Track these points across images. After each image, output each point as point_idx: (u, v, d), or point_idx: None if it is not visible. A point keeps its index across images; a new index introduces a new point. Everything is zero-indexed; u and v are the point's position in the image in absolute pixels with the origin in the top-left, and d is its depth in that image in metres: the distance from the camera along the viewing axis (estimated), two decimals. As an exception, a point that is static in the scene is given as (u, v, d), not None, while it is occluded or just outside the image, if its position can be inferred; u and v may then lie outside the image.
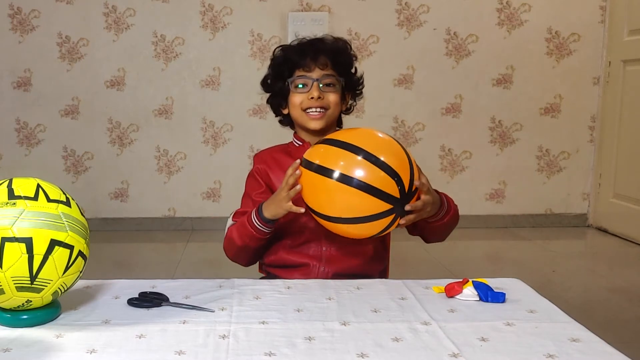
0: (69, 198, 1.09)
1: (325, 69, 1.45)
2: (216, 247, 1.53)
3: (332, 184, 1.22)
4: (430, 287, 1.26)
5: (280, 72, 1.49)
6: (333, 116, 1.48)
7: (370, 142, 1.26)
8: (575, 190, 3.91)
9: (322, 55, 1.46)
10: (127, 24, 3.65)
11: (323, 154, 1.27)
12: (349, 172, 1.21)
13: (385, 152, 1.24)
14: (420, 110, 3.79)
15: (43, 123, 3.73)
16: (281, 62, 1.50)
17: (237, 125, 3.75)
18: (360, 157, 1.22)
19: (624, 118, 3.60)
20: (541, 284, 2.66)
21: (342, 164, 1.22)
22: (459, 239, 3.72)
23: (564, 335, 1.03)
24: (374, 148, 1.24)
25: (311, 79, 1.44)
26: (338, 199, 1.24)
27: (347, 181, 1.20)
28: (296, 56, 1.47)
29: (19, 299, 1.02)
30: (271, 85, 1.53)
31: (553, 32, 3.74)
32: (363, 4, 3.68)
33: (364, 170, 1.21)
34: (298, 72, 1.46)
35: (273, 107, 1.55)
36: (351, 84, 1.53)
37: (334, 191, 1.23)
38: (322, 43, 1.49)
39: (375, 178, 1.20)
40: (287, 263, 1.47)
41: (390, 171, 1.21)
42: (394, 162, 1.23)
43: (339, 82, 1.47)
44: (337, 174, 1.21)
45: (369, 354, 0.96)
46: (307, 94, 1.44)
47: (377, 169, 1.21)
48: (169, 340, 1.00)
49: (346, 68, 1.51)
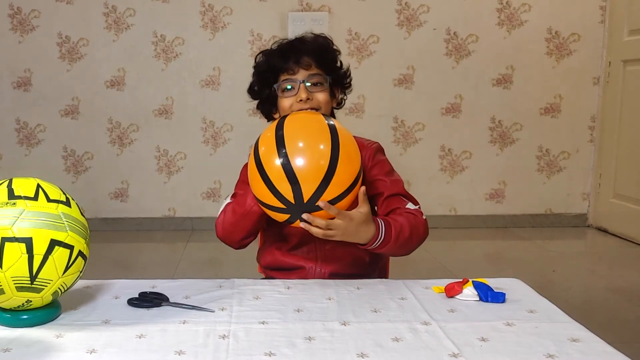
0: (69, 198, 1.09)
1: (310, 68, 1.42)
2: (216, 247, 1.53)
3: (252, 165, 1.26)
4: (430, 287, 1.26)
5: (265, 78, 1.47)
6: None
7: (302, 143, 1.24)
8: (575, 190, 3.91)
9: (305, 55, 1.42)
10: (127, 24, 3.65)
11: (263, 136, 1.29)
12: (265, 161, 1.23)
13: (308, 157, 1.21)
14: (420, 110, 3.78)
15: (43, 123, 3.73)
16: (265, 68, 1.47)
17: (237, 125, 3.75)
18: (279, 154, 1.22)
19: (624, 118, 3.60)
20: (541, 284, 2.66)
21: (263, 150, 1.25)
22: (459, 239, 3.75)
23: (564, 335, 1.03)
24: (299, 150, 1.21)
25: (297, 81, 1.41)
26: (252, 182, 1.28)
27: (259, 168, 1.24)
28: (279, 60, 1.44)
29: (19, 299, 1.02)
30: (258, 92, 1.51)
31: (553, 32, 3.74)
32: (363, 4, 3.68)
33: (273, 166, 1.22)
34: (283, 77, 1.43)
35: (264, 114, 1.54)
36: (338, 79, 1.50)
37: (252, 172, 1.27)
38: (302, 43, 1.46)
39: (275, 177, 1.21)
40: (283, 265, 1.47)
41: (291, 176, 1.20)
42: (308, 171, 1.20)
43: (326, 80, 1.44)
44: (257, 159, 1.25)
45: (369, 354, 0.96)
46: (296, 97, 1.41)
47: (280, 169, 1.20)
48: (169, 340, 1.00)
49: (331, 64, 1.48)
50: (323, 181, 1.20)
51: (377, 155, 1.48)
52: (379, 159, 1.48)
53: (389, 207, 1.40)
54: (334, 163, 1.21)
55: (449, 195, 3.87)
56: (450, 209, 3.88)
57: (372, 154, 1.47)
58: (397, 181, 1.45)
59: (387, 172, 1.46)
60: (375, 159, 1.47)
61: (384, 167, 1.47)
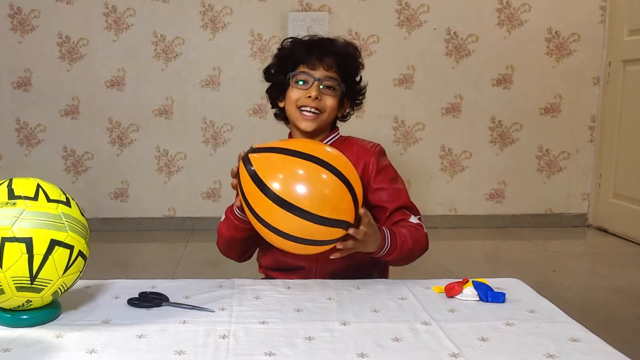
0: (69, 198, 1.09)
1: (329, 70, 1.43)
2: (216, 247, 1.54)
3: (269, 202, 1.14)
4: (430, 287, 1.26)
5: (284, 64, 1.47)
6: (327, 121, 1.46)
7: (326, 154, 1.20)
8: (575, 190, 3.91)
9: (329, 56, 1.43)
10: (127, 24, 3.65)
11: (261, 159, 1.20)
12: (287, 193, 1.13)
13: (342, 165, 1.19)
14: (420, 110, 3.79)
15: (43, 123, 3.73)
16: (287, 54, 1.47)
17: (237, 125, 3.75)
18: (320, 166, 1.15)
19: (624, 118, 3.60)
20: (541, 284, 2.67)
21: (281, 177, 1.15)
22: (459, 239, 3.75)
23: (564, 335, 1.03)
24: (333, 160, 1.19)
25: (312, 78, 1.42)
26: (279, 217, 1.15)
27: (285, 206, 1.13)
28: (303, 52, 1.44)
29: (19, 299, 1.02)
30: (273, 76, 1.51)
31: (553, 32, 3.74)
32: (363, 4, 3.68)
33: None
34: (301, 68, 1.44)
35: (270, 98, 1.54)
36: (352, 91, 1.50)
37: (272, 208, 1.14)
38: (331, 44, 1.47)
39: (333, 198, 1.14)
40: (283, 266, 1.47)
41: (348, 184, 1.16)
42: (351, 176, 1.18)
43: (340, 87, 1.44)
44: (273, 194, 1.13)
45: (369, 354, 0.96)
46: (306, 92, 1.41)
47: (337, 180, 1.15)
48: (169, 340, 1.00)
49: (350, 74, 1.48)
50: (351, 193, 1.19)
51: (381, 160, 1.48)
52: (384, 163, 1.48)
53: (392, 221, 1.42)
54: (342, 177, 1.18)
55: (449, 195, 3.87)
56: (450, 209, 3.88)
57: (377, 158, 1.47)
58: (401, 191, 1.46)
59: (392, 179, 1.47)
60: (380, 163, 1.47)
61: (389, 173, 1.48)
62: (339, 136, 1.52)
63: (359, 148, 1.48)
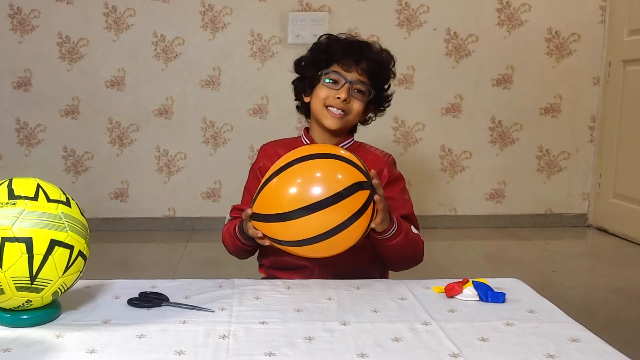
0: (69, 198, 1.09)
1: (363, 75, 1.44)
2: (216, 247, 1.54)
3: (295, 221, 1.19)
4: (430, 287, 1.26)
5: (318, 59, 1.46)
6: (351, 123, 1.48)
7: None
8: (575, 190, 3.91)
9: (365, 61, 1.44)
10: (127, 24, 3.65)
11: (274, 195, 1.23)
12: (306, 197, 1.17)
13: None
14: (420, 110, 3.78)
15: (43, 123, 3.73)
16: (323, 49, 1.47)
17: (237, 125, 3.75)
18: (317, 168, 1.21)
19: (624, 118, 3.60)
20: (541, 284, 2.67)
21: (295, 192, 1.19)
22: (459, 239, 3.75)
23: (564, 335, 1.03)
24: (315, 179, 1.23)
25: (345, 79, 1.42)
26: (304, 224, 1.19)
27: (310, 209, 1.17)
28: (340, 51, 1.44)
29: (19, 299, 1.02)
30: (303, 68, 1.51)
31: (553, 32, 3.74)
32: (363, 4, 3.68)
33: (321, 184, 1.19)
34: (335, 67, 1.44)
35: (296, 91, 1.54)
36: (379, 98, 1.51)
37: (299, 223, 1.19)
38: (369, 49, 1.48)
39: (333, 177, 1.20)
40: (285, 265, 1.47)
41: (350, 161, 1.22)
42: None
43: (369, 93, 1.46)
44: (297, 210, 1.18)
45: (369, 354, 0.96)
46: (335, 92, 1.42)
47: (336, 162, 1.21)
48: (169, 340, 1.00)
49: (381, 81, 1.50)
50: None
51: (393, 170, 1.51)
52: (396, 174, 1.51)
53: None
54: (324, 155, 1.24)
55: (449, 195, 3.87)
56: (450, 209, 3.88)
57: (389, 168, 1.49)
58: (408, 203, 1.48)
59: (401, 190, 1.49)
60: (392, 173, 1.49)
61: (399, 183, 1.50)
62: (353, 142, 1.54)
63: (373, 157, 1.50)
